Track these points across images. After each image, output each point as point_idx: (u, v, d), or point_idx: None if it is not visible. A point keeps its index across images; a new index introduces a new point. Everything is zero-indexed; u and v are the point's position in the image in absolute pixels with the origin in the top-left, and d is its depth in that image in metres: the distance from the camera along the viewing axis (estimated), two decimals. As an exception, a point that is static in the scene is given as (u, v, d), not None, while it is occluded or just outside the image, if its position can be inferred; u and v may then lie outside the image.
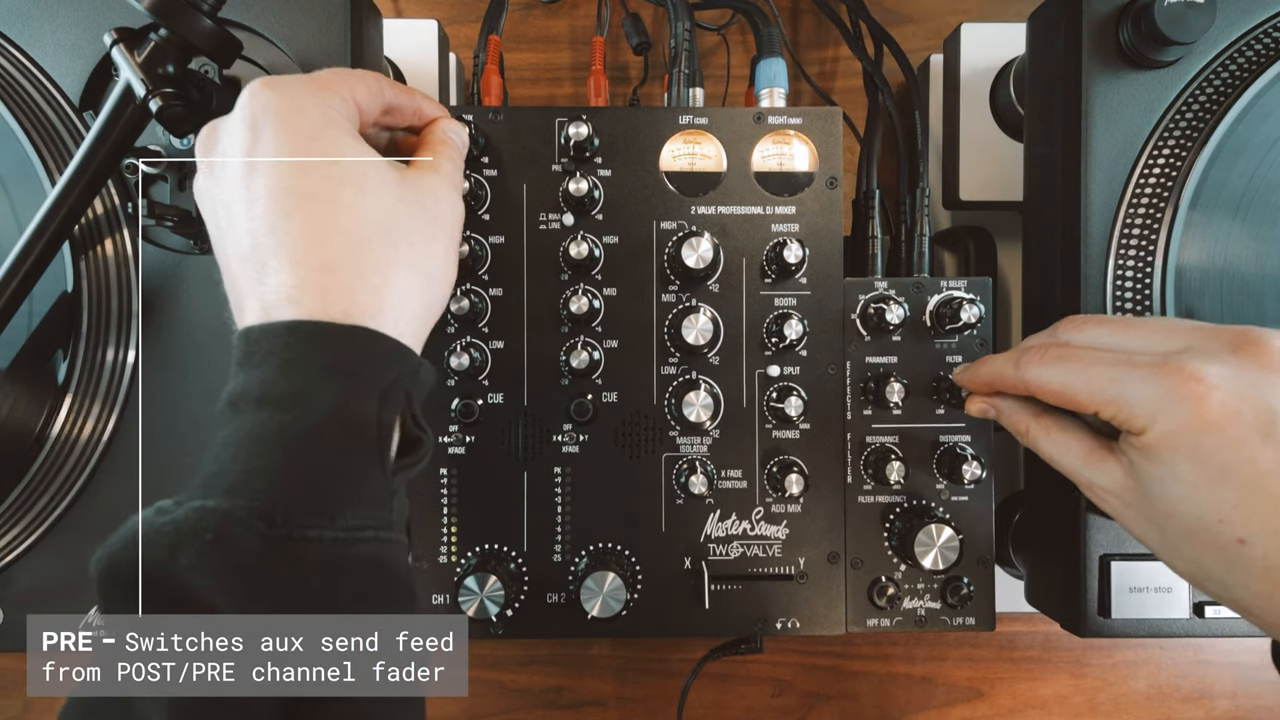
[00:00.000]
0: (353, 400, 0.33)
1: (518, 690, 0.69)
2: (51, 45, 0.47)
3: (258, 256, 0.35)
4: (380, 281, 0.35)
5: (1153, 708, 0.69)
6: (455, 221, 0.41)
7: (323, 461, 0.32)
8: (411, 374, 0.35)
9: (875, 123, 0.57)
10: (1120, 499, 0.38)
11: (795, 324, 0.48)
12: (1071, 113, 0.47)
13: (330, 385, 0.32)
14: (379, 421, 0.33)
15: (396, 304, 0.36)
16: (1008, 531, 0.57)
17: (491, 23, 0.55)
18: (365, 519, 0.32)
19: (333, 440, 0.32)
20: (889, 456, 0.49)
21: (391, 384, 0.34)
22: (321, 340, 0.33)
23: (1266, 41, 0.46)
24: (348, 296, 0.34)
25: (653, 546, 0.50)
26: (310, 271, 0.34)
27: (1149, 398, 0.35)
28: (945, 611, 0.51)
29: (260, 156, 0.35)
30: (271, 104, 0.36)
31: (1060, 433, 0.41)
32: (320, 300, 0.34)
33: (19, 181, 0.46)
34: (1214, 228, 0.45)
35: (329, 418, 0.32)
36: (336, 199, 0.35)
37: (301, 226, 0.34)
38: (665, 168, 0.50)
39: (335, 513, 0.31)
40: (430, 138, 0.43)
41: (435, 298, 0.39)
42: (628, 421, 0.50)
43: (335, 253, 0.34)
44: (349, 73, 0.40)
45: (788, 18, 0.70)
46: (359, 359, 0.33)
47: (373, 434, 0.33)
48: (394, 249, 0.36)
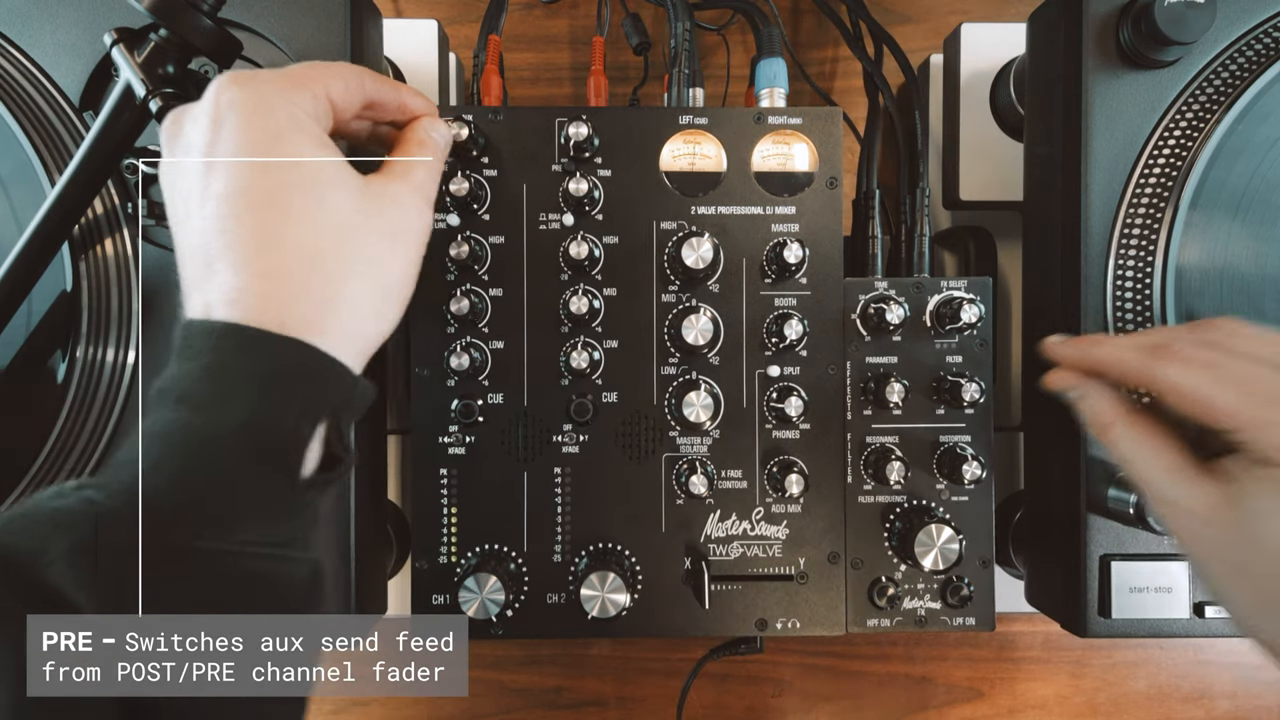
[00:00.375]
0: (269, 412, 0.32)
1: (518, 690, 0.69)
2: (51, 45, 0.47)
3: (205, 254, 0.34)
4: (328, 294, 0.34)
5: (1153, 708, 0.69)
6: (420, 234, 0.39)
7: (225, 471, 0.31)
8: (342, 393, 0.34)
9: (875, 123, 0.57)
10: (1201, 521, 0.35)
11: (795, 324, 0.48)
12: (1071, 113, 0.47)
13: (248, 394, 0.32)
14: (294, 437, 0.32)
15: (342, 318, 0.35)
16: (1008, 531, 0.57)
17: (491, 23, 0.55)
18: (260, 535, 0.32)
19: (239, 450, 0.31)
20: (889, 456, 0.49)
21: (314, 401, 0.33)
22: (251, 348, 0.32)
23: (1266, 41, 0.46)
24: (287, 307, 0.33)
25: (653, 546, 0.50)
26: (253, 277, 0.33)
27: None
28: (945, 611, 0.51)
29: (219, 154, 0.34)
30: (237, 101, 0.35)
31: (1152, 437, 0.37)
32: (259, 307, 0.33)
33: (19, 182, 0.46)
34: (1214, 228, 0.45)
35: (240, 427, 0.31)
36: (290, 206, 0.34)
37: (250, 231, 0.34)
38: (665, 168, 0.50)
39: (230, 525, 0.31)
40: (409, 138, 0.42)
41: (389, 312, 0.38)
42: (628, 421, 0.50)
43: (282, 261, 0.34)
44: (325, 67, 0.39)
45: (788, 18, 0.70)
46: (286, 372, 0.33)
47: (284, 449, 0.32)
48: (347, 262, 0.35)
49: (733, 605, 0.50)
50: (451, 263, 0.48)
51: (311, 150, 0.36)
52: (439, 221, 0.49)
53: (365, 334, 0.36)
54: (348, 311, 0.35)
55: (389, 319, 0.38)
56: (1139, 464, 0.37)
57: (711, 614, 0.49)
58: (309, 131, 0.36)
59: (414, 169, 0.40)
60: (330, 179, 0.36)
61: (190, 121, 0.36)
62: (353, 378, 0.35)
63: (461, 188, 0.48)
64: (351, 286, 0.35)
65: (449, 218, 0.49)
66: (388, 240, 0.37)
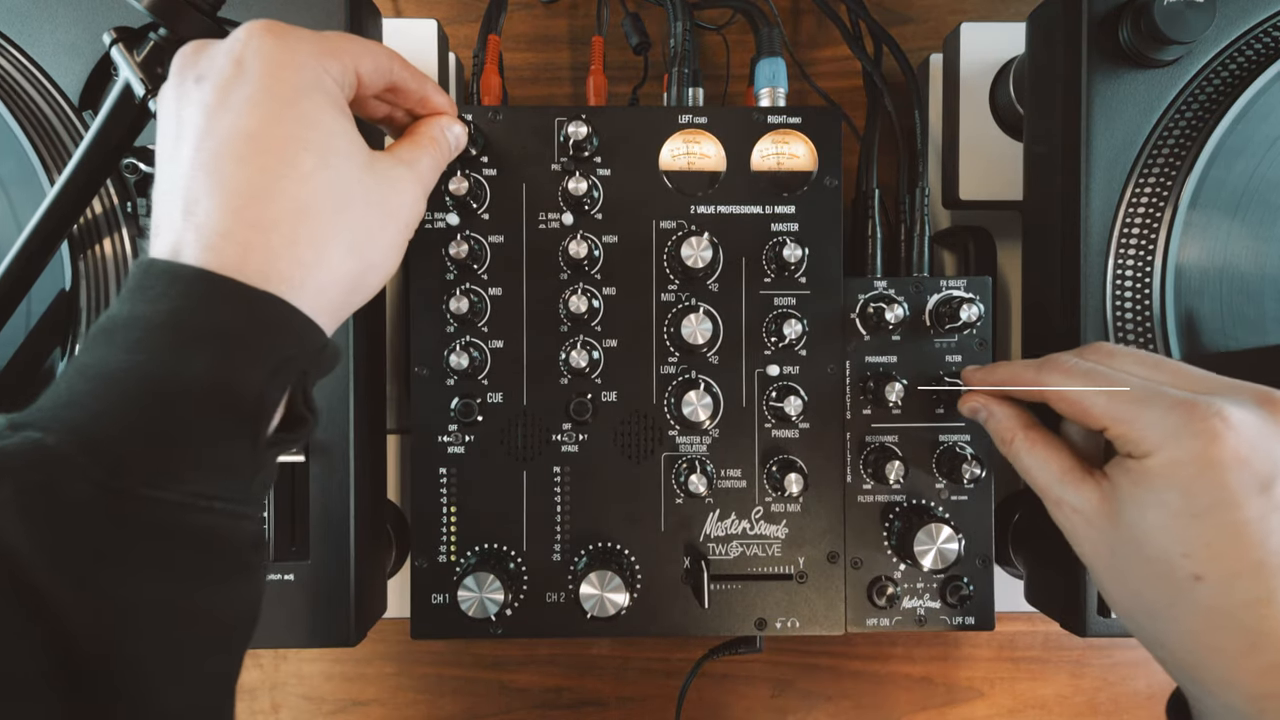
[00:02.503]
0: (238, 368, 0.31)
1: (518, 690, 0.69)
2: (51, 45, 0.47)
3: (191, 191, 0.33)
4: (312, 256, 0.34)
5: (1153, 708, 0.69)
6: (411, 219, 0.40)
7: (187, 423, 0.30)
8: (314, 354, 0.34)
9: (875, 122, 0.57)
10: (1085, 519, 0.39)
11: (795, 323, 0.48)
12: (1071, 112, 0.47)
13: (217, 347, 0.30)
14: (261, 395, 0.31)
15: (322, 282, 0.34)
16: (1008, 531, 0.57)
17: (491, 22, 0.55)
18: (215, 488, 0.31)
19: (201, 405, 0.30)
20: (889, 456, 0.49)
21: (287, 360, 0.32)
22: (225, 298, 0.31)
23: (1266, 41, 0.46)
24: (271, 260, 0.32)
25: (652, 546, 0.50)
26: (241, 225, 0.32)
27: (1166, 424, 0.35)
28: (945, 611, 0.50)
29: (235, 95, 0.33)
30: (266, 49, 0.34)
31: (1044, 448, 0.41)
32: (240, 256, 0.32)
33: (18, 181, 0.46)
34: (1214, 227, 0.45)
35: (205, 381, 0.30)
36: (296, 163, 0.34)
37: (248, 178, 0.33)
38: (665, 167, 0.50)
39: (183, 477, 0.30)
40: (422, 131, 0.42)
41: (367, 286, 0.38)
42: (627, 421, 0.50)
43: (274, 214, 0.33)
44: (359, 41, 0.38)
45: (788, 18, 0.70)
46: (261, 329, 0.32)
47: (249, 407, 0.31)
48: (338, 230, 0.35)
49: (732, 605, 0.50)
50: (451, 262, 0.48)
51: (330, 116, 0.35)
52: (439, 220, 0.49)
53: (340, 303, 0.36)
54: (329, 277, 0.34)
55: (364, 294, 0.38)
56: (1034, 471, 0.42)
57: (711, 614, 0.49)
58: (331, 97, 0.36)
59: (420, 159, 0.40)
60: (340, 147, 0.35)
61: (211, 56, 0.35)
62: (325, 339, 0.35)
63: (461, 187, 0.48)
64: (338, 255, 0.35)
65: (448, 217, 0.49)
66: (380, 218, 0.37)
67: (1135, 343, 0.46)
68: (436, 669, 0.69)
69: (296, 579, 0.47)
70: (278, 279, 0.32)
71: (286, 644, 0.49)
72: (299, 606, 0.47)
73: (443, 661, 0.69)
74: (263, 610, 0.46)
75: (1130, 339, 0.46)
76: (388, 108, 0.43)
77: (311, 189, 0.34)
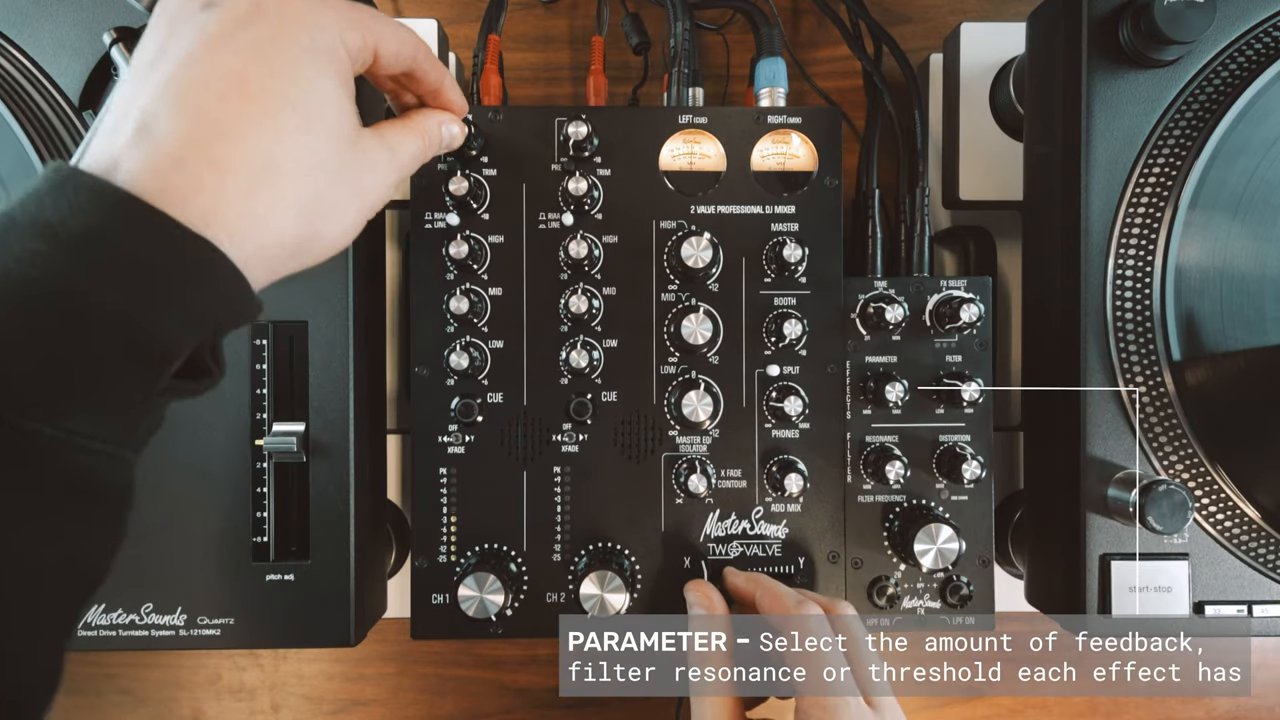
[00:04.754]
0: (155, 308, 0.28)
1: (518, 690, 0.69)
2: (51, 45, 0.47)
3: (153, 111, 0.30)
4: (264, 212, 0.32)
5: (1153, 707, 0.69)
6: (377, 202, 0.38)
7: (84, 355, 0.27)
8: (235, 308, 0.32)
9: (875, 122, 0.57)
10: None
11: (795, 323, 0.48)
12: (1071, 112, 0.47)
13: (136, 280, 0.28)
14: (172, 342, 0.29)
15: (266, 240, 0.32)
16: (1007, 531, 0.57)
17: (491, 22, 0.55)
18: (98, 428, 0.28)
19: (104, 338, 0.27)
20: (888, 456, 0.49)
21: (211, 314, 0.30)
22: (157, 232, 0.29)
23: (1266, 41, 0.46)
24: (219, 205, 0.30)
25: (652, 546, 0.50)
26: (199, 159, 0.30)
27: None
28: (945, 611, 0.50)
29: (242, 35, 0.32)
30: (290, 3, 0.33)
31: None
32: (186, 192, 0.29)
33: (19, 181, 0.46)
34: (1214, 227, 0.45)
35: (114, 312, 0.27)
36: (279, 116, 0.32)
37: (223, 115, 0.31)
38: (665, 167, 0.50)
39: (65, 411, 0.27)
40: (416, 121, 0.41)
41: (310, 255, 0.36)
42: (627, 421, 0.50)
43: (238, 160, 0.31)
44: (388, 23, 0.38)
45: (788, 18, 0.70)
46: (188, 273, 0.29)
47: (156, 351, 0.29)
48: (298, 193, 0.33)
49: (732, 605, 0.50)
50: (451, 262, 0.48)
51: (329, 85, 0.34)
52: (439, 220, 0.49)
53: (277, 266, 0.34)
54: (274, 238, 0.32)
55: (303, 262, 0.36)
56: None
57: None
58: (338, 66, 0.35)
59: (405, 146, 0.40)
60: (329, 116, 0.34)
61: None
62: (251, 295, 0.32)
63: (461, 187, 0.48)
64: (290, 218, 0.33)
65: (448, 217, 0.49)
66: (346, 194, 0.36)
67: (1135, 342, 0.46)
68: (436, 669, 0.69)
69: (296, 579, 0.47)
70: (220, 226, 0.30)
71: (286, 644, 0.49)
72: (299, 606, 0.47)
73: (443, 661, 0.69)
74: (263, 610, 0.47)
75: (1130, 339, 0.46)
76: (398, 86, 0.42)
77: (285, 148, 0.32)
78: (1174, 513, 0.44)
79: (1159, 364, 0.46)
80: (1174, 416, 0.46)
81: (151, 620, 0.47)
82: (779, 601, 0.44)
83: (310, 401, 0.47)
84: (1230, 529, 0.47)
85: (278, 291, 0.47)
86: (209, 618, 0.47)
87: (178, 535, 0.47)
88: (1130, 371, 0.47)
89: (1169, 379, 0.46)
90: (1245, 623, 0.47)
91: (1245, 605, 0.47)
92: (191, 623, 0.47)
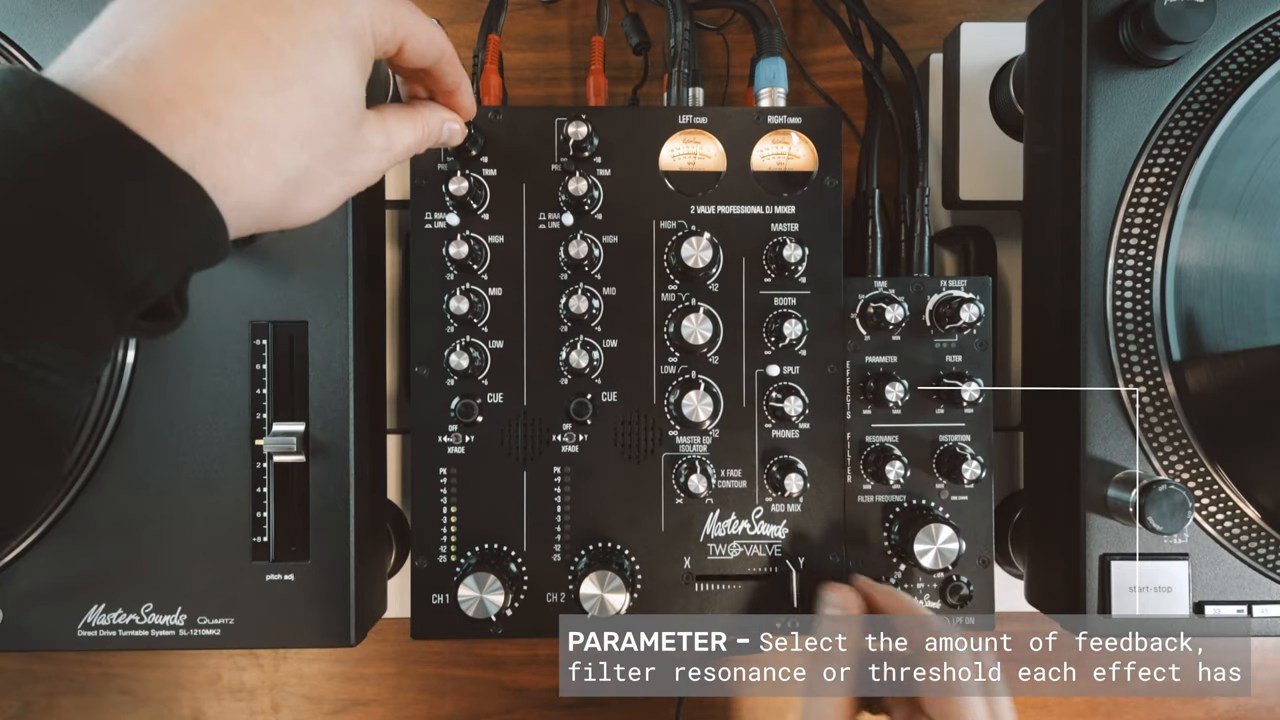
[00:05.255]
0: (133, 246, 0.27)
1: (518, 690, 0.69)
2: (51, 45, 0.47)
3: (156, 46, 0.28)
4: (252, 172, 0.30)
5: (1153, 707, 0.69)
6: (360, 185, 0.38)
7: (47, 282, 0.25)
8: (211, 253, 0.30)
9: (875, 122, 0.57)
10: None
11: (795, 323, 0.48)
12: (1071, 112, 0.47)
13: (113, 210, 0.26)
14: (148, 281, 0.28)
15: (247, 199, 0.31)
16: (1007, 531, 0.57)
17: (491, 22, 0.54)
18: (57, 360, 0.27)
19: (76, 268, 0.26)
20: (889, 456, 0.49)
21: (184, 250, 0.29)
22: (148, 165, 0.27)
23: (1266, 41, 0.46)
24: (207, 152, 0.28)
25: (652, 546, 0.50)
26: (195, 106, 0.28)
27: None
28: (945, 611, 0.50)
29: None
30: None
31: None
32: (176, 132, 0.28)
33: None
34: (1214, 227, 0.45)
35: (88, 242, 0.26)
36: (288, 85, 0.31)
37: (233, 70, 0.29)
38: (665, 167, 0.50)
39: (24, 339, 0.26)
40: (421, 113, 0.41)
41: (281, 221, 0.35)
42: (627, 421, 0.50)
43: (237, 115, 0.29)
44: (421, 19, 0.37)
45: (788, 18, 0.70)
46: (169, 208, 0.28)
47: (130, 288, 0.27)
48: (289, 160, 0.32)
49: (732, 605, 0.50)
50: (451, 262, 0.48)
51: (347, 69, 0.34)
52: (439, 220, 0.49)
53: (246, 226, 0.32)
54: (254, 199, 0.31)
55: (274, 226, 0.35)
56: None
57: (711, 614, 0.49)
58: (362, 51, 0.35)
59: (404, 137, 0.39)
60: (339, 98, 0.34)
61: None
62: (228, 247, 0.31)
63: (461, 187, 0.48)
64: (276, 183, 0.32)
65: (448, 217, 0.49)
66: (335, 171, 0.36)
67: (1135, 342, 0.46)
68: (436, 669, 0.69)
69: (296, 579, 0.47)
70: (204, 173, 0.28)
71: (286, 644, 0.49)
72: (299, 606, 0.47)
73: (443, 661, 0.69)
74: (263, 610, 0.47)
75: (1130, 339, 0.46)
76: (414, 79, 0.42)
77: (287, 116, 0.31)
78: (1174, 513, 0.44)
79: (1159, 364, 0.46)
80: (1174, 416, 0.46)
81: (151, 620, 0.47)
82: (909, 609, 0.45)
83: (310, 401, 0.47)
84: (1230, 529, 0.47)
85: (278, 292, 0.47)
86: (209, 618, 0.47)
87: (178, 535, 0.47)
88: (1130, 371, 0.47)
89: (1169, 379, 0.46)
90: (1245, 623, 0.47)
91: (1245, 605, 0.47)
92: (191, 623, 0.47)
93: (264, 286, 0.47)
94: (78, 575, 0.47)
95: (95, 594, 0.47)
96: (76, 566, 0.47)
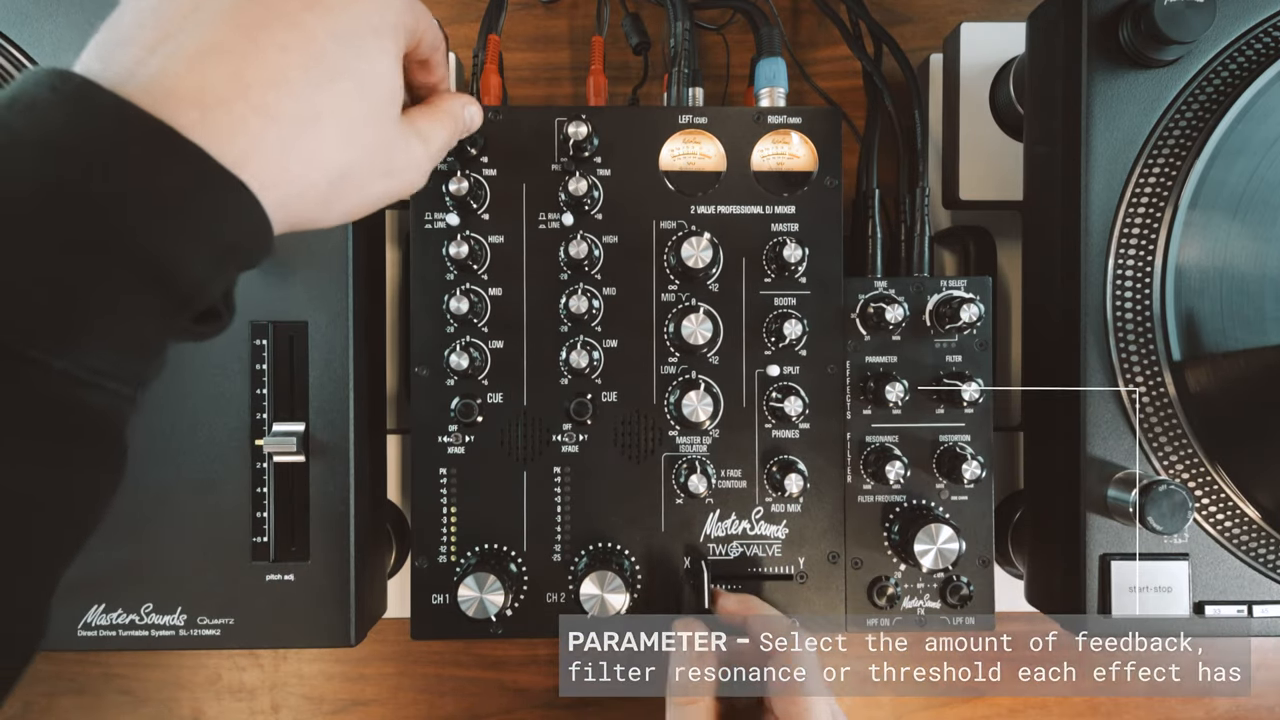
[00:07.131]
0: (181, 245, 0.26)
1: (518, 690, 0.69)
2: (51, 45, 0.47)
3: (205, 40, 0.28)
4: (298, 170, 0.30)
5: (1153, 708, 0.69)
6: (402, 192, 0.38)
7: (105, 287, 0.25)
8: (258, 255, 0.30)
9: (875, 122, 0.57)
10: None
11: (795, 323, 0.48)
12: (1071, 112, 0.47)
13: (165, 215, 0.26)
14: (201, 284, 0.28)
15: (289, 196, 0.30)
16: (1008, 531, 0.57)
17: (490, 22, 0.54)
18: (113, 365, 0.26)
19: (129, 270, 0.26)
20: (889, 456, 0.49)
21: (233, 254, 0.29)
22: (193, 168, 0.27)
23: (1266, 41, 0.46)
24: (258, 150, 0.28)
25: (652, 546, 0.50)
26: (245, 101, 0.28)
27: None
28: (945, 611, 0.50)
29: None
30: None
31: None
32: (227, 131, 0.28)
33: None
34: (1214, 227, 0.45)
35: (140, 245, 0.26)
36: (336, 81, 0.31)
37: (282, 65, 0.29)
38: (665, 167, 0.50)
39: (84, 345, 0.25)
40: (443, 106, 0.41)
41: (318, 223, 0.34)
42: (627, 421, 0.50)
43: (286, 112, 0.29)
44: (427, 10, 0.38)
45: (788, 18, 0.70)
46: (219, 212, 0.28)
47: (184, 290, 0.27)
48: (336, 160, 0.32)
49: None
50: (451, 262, 0.48)
51: (389, 64, 0.34)
52: (439, 220, 0.49)
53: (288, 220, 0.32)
54: (297, 198, 0.31)
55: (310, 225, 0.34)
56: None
57: (711, 614, 0.49)
58: (399, 46, 0.35)
59: (437, 134, 0.40)
60: (382, 95, 0.34)
61: None
62: (273, 247, 0.31)
63: (461, 187, 0.48)
64: (323, 184, 0.32)
65: (448, 217, 0.49)
66: (378, 174, 0.36)
67: (1135, 342, 0.46)
68: (436, 669, 0.69)
69: (296, 579, 0.47)
70: (252, 172, 0.28)
71: (286, 644, 0.49)
72: (299, 606, 0.47)
73: (443, 661, 0.69)
74: (263, 610, 0.47)
75: (1130, 339, 0.46)
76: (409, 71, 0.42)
77: (335, 114, 0.31)
78: (1174, 513, 0.44)
79: (1159, 364, 0.46)
80: (1174, 416, 0.46)
81: (151, 620, 0.47)
82: (770, 624, 0.46)
83: (310, 401, 0.47)
84: (1230, 529, 0.47)
85: (278, 292, 0.47)
86: (209, 618, 0.47)
87: (178, 535, 0.47)
88: (1130, 371, 0.47)
89: (1169, 379, 0.46)
90: (1245, 623, 0.47)
91: (1245, 605, 0.47)
92: (191, 623, 0.47)
93: (264, 287, 0.47)
94: (78, 575, 0.46)
95: (95, 594, 0.47)
96: (76, 566, 0.47)
